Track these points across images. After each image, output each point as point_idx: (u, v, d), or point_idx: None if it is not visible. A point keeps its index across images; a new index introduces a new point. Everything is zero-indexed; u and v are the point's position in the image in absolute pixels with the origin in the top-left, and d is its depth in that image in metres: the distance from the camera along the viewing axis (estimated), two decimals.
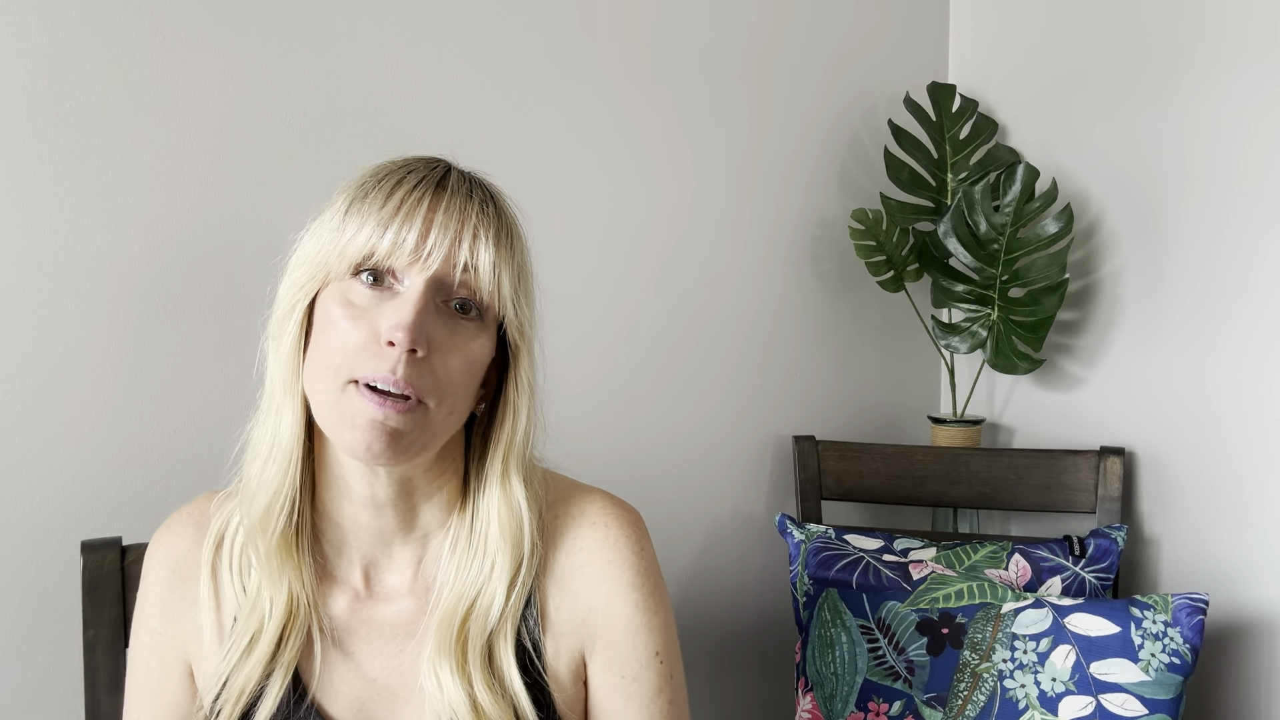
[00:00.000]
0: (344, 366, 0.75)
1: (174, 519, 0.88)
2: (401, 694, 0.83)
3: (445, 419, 0.77)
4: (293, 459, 0.81)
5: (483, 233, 0.77)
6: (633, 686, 0.85)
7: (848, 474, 1.67)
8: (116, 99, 1.19)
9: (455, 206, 0.77)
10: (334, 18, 1.32)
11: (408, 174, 0.79)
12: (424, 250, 0.75)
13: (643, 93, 1.56)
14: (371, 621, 0.84)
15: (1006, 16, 1.80)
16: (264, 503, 0.81)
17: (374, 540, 0.84)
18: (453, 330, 0.77)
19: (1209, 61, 1.52)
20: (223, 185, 1.25)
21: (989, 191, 1.63)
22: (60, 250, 1.17)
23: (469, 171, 0.83)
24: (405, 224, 0.75)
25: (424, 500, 0.84)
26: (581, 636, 0.85)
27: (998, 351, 1.65)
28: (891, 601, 1.38)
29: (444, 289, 0.77)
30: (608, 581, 0.85)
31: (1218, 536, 1.53)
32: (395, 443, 0.74)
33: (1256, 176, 1.47)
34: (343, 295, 0.76)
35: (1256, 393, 1.48)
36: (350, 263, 0.76)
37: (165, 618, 0.86)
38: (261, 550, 0.81)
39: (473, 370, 0.78)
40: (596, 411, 1.55)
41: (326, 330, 0.77)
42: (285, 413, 0.80)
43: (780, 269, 1.71)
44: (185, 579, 0.86)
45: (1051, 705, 1.28)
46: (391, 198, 0.77)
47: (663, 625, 0.87)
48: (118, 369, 1.20)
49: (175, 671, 0.86)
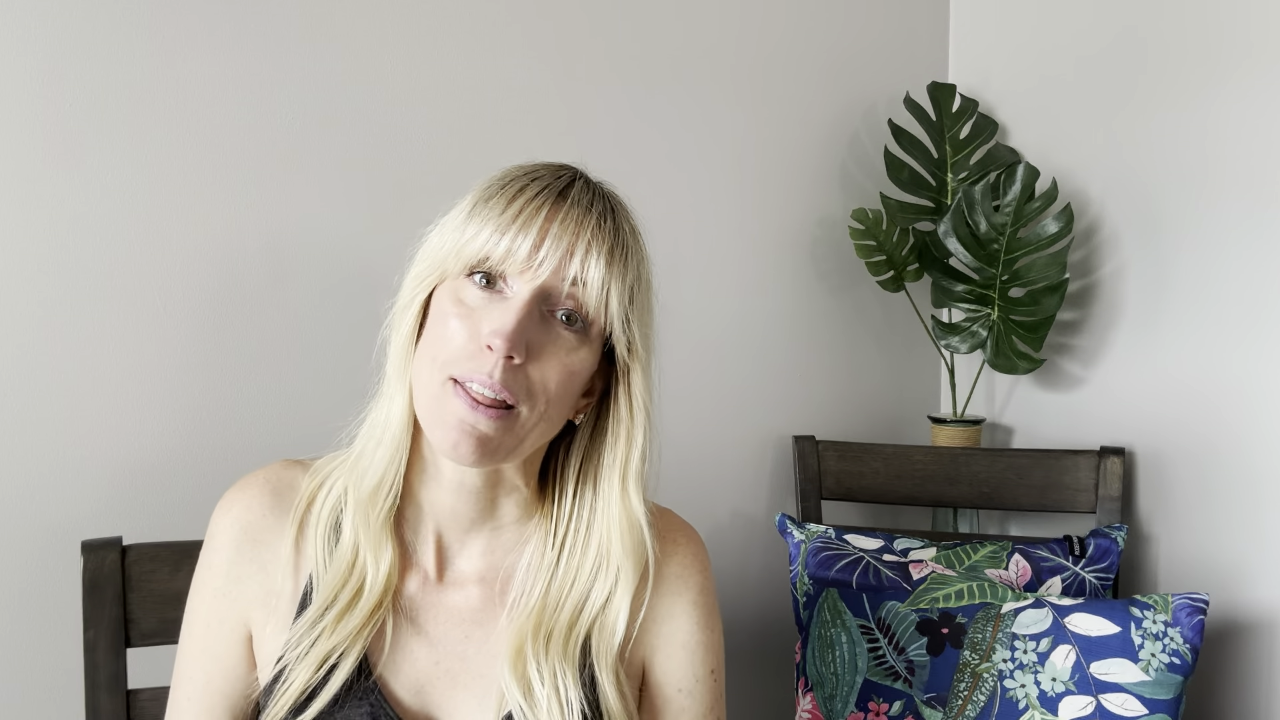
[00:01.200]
0: (447, 363, 0.77)
1: (249, 481, 0.88)
2: (462, 680, 0.84)
3: (536, 425, 0.79)
4: (401, 445, 0.83)
5: (595, 248, 0.78)
6: (687, 700, 0.88)
7: (848, 474, 1.67)
8: (116, 99, 1.19)
9: (573, 219, 0.78)
10: (334, 18, 1.32)
11: (531, 181, 0.80)
12: (535, 260, 0.76)
13: (643, 93, 1.56)
14: (440, 605, 0.86)
15: (1006, 16, 1.80)
16: (373, 482, 0.83)
17: (452, 523, 0.86)
18: (554, 339, 0.78)
19: (1209, 61, 1.52)
20: (223, 185, 1.25)
21: (989, 191, 1.63)
22: (60, 250, 1.17)
23: (596, 182, 0.83)
24: (521, 232, 0.77)
25: (505, 495, 0.86)
26: (645, 645, 0.88)
27: (998, 351, 1.65)
28: (891, 601, 1.38)
29: (551, 299, 0.78)
30: (673, 595, 0.88)
31: (1218, 536, 1.53)
32: (483, 446, 0.76)
33: (1257, 176, 1.47)
34: (455, 293, 0.79)
35: (1257, 392, 1.48)
36: (466, 263, 0.78)
37: (231, 579, 0.86)
38: (370, 524, 0.83)
39: (570, 381, 0.79)
40: None
41: (436, 325, 0.79)
42: (397, 399, 0.82)
43: (780, 269, 1.71)
44: (256, 543, 0.86)
45: (1051, 705, 1.28)
46: (512, 204, 0.78)
47: (718, 644, 0.90)
48: (117, 369, 1.20)
49: (235, 635, 0.86)
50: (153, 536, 1.15)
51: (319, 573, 0.84)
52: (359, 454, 0.85)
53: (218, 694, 0.85)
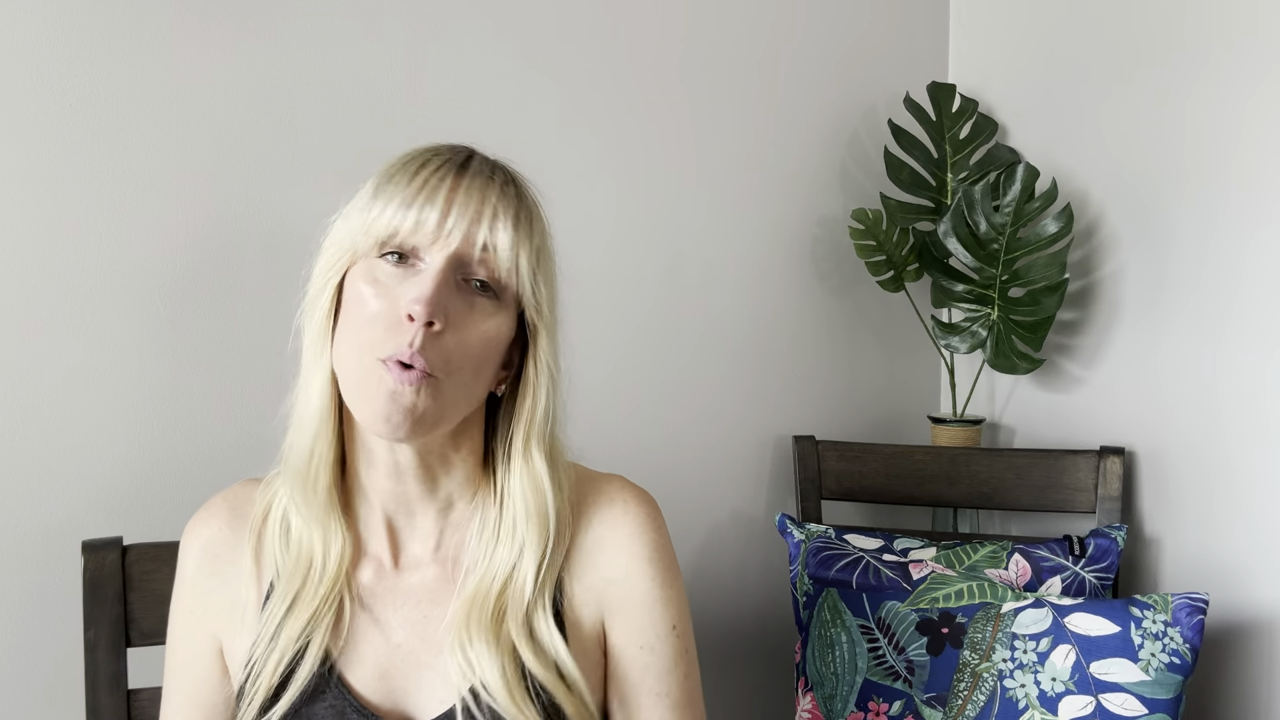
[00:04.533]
0: (372, 344, 0.77)
1: (209, 504, 0.91)
2: (425, 659, 0.85)
3: (459, 393, 0.80)
4: (323, 423, 0.84)
5: (502, 213, 0.80)
6: (650, 657, 0.89)
7: (848, 474, 1.67)
8: (116, 99, 1.19)
9: (476, 187, 0.80)
10: (334, 18, 1.32)
11: (432, 157, 0.82)
12: (445, 229, 0.78)
13: (643, 93, 1.56)
14: (397, 589, 0.86)
15: (1006, 16, 1.80)
16: (299, 465, 0.84)
17: (397, 507, 0.86)
18: (471, 306, 0.80)
19: (1210, 61, 1.52)
20: (223, 185, 1.25)
21: (989, 191, 1.63)
22: (60, 250, 1.17)
23: (493, 158, 0.85)
24: (427, 203, 0.78)
25: (444, 472, 0.86)
26: (601, 607, 0.88)
27: (998, 351, 1.65)
28: (891, 601, 1.38)
29: (464, 267, 0.80)
30: (625, 554, 0.89)
31: (1218, 536, 1.53)
32: (410, 415, 0.77)
33: (1257, 176, 1.47)
34: (369, 273, 0.80)
35: (1257, 392, 1.48)
36: (376, 240, 0.79)
37: (198, 596, 0.88)
38: (305, 504, 0.84)
39: (489, 347, 0.81)
40: (597, 411, 1.55)
41: (354, 307, 0.80)
42: (314, 382, 0.83)
43: (780, 269, 1.71)
44: (216, 557, 0.88)
45: (1051, 705, 1.28)
46: (415, 179, 0.80)
47: (678, 600, 0.90)
48: (118, 369, 1.20)
49: (206, 648, 0.88)
50: (153, 536, 1.15)
51: (279, 576, 0.85)
52: (287, 446, 0.86)
53: (199, 707, 0.89)
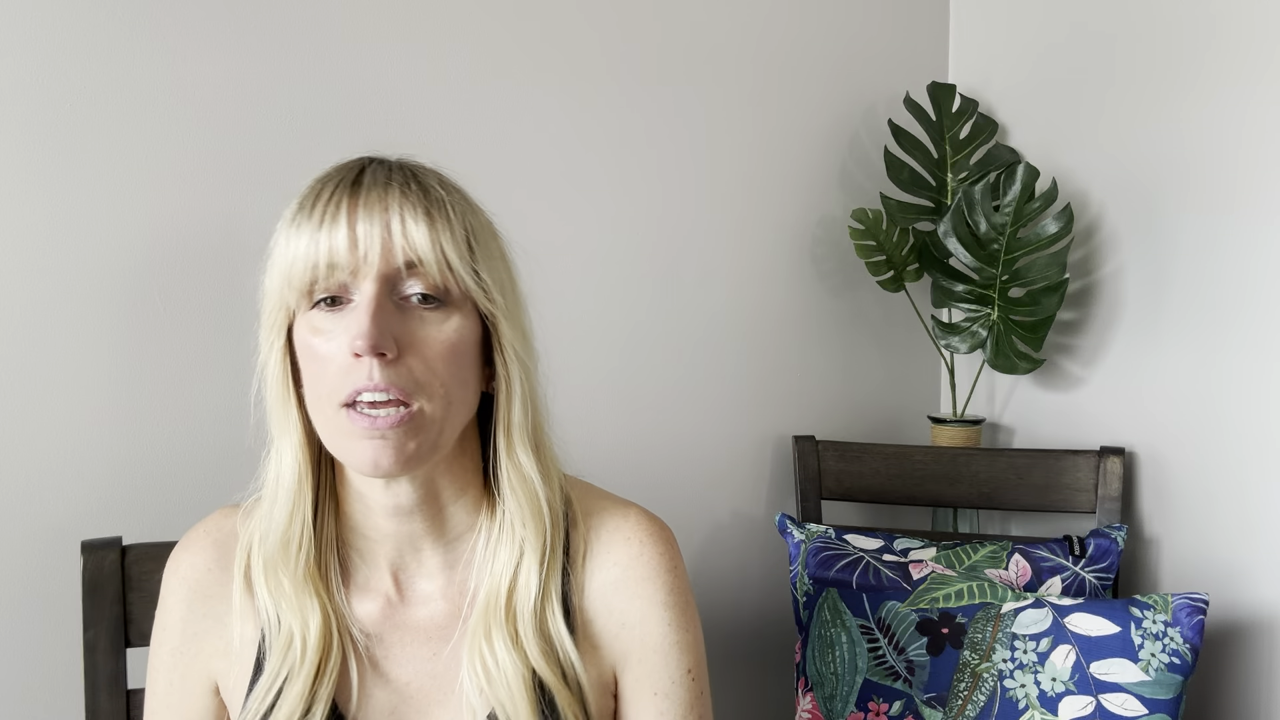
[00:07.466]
0: (333, 393, 0.74)
1: (191, 537, 0.87)
2: (435, 697, 0.82)
3: (444, 413, 0.76)
4: (299, 496, 0.81)
5: (409, 213, 0.75)
6: (665, 703, 0.86)
7: (848, 474, 1.67)
8: (116, 99, 1.19)
9: (374, 198, 0.75)
10: (333, 18, 1.32)
11: (324, 185, 0.77)
12: (358, 255, 0.74)
13: (643, 94, 1.56)
14: (404, 626, 0.84)
15: (1006, 16, 1.80)
16: (277, 541, 0.81)
17: (403, 547, 0.83)
18: (419, 322, 0.75)
19: (1210, 61, 1.52)
20: (223, 185, 1.25)
21: (989, 191, 1.63)
22: (60, 250, 1.17)
23: (389, 159, 0.80)
24: (330, 235, 0.74)
25: (450, 501, 0.83)
26: (614, 651, 0.86)
27: (998, 351, 1.65)
28: (891, 601, 1.38)
29: (396, 286, 0.75)
30: (641, 599, 0.86)
31: (1218, 536, 1.53)
32: (399, 453, 0.74)
33: (1257, 176, 1.47)
34: (309, 325, 0.76)
35: (1257, 392, 1.48)
36: (300, 292, 0.76)
37: (187, 636, 0.85)
38: (286, 586, 0.81)
39: (455, 355, 0.76)
40: (596, 412, 1.55)
41: (306, 363, 0.77)
42: (285, 451, 0.80)
43: (780, 269, 1.71)
44: (208, 597, 0.85)
45: (1051, 705, 1.28)
46: (314, 213, 0.75)
47: (694, 643, 0.88)
48: (118, 369, 1.20)
49: (199, 689, 0.86)
50: (153, 536, 1.15)
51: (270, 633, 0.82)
52: (261, 516, 0.83)
53: None
